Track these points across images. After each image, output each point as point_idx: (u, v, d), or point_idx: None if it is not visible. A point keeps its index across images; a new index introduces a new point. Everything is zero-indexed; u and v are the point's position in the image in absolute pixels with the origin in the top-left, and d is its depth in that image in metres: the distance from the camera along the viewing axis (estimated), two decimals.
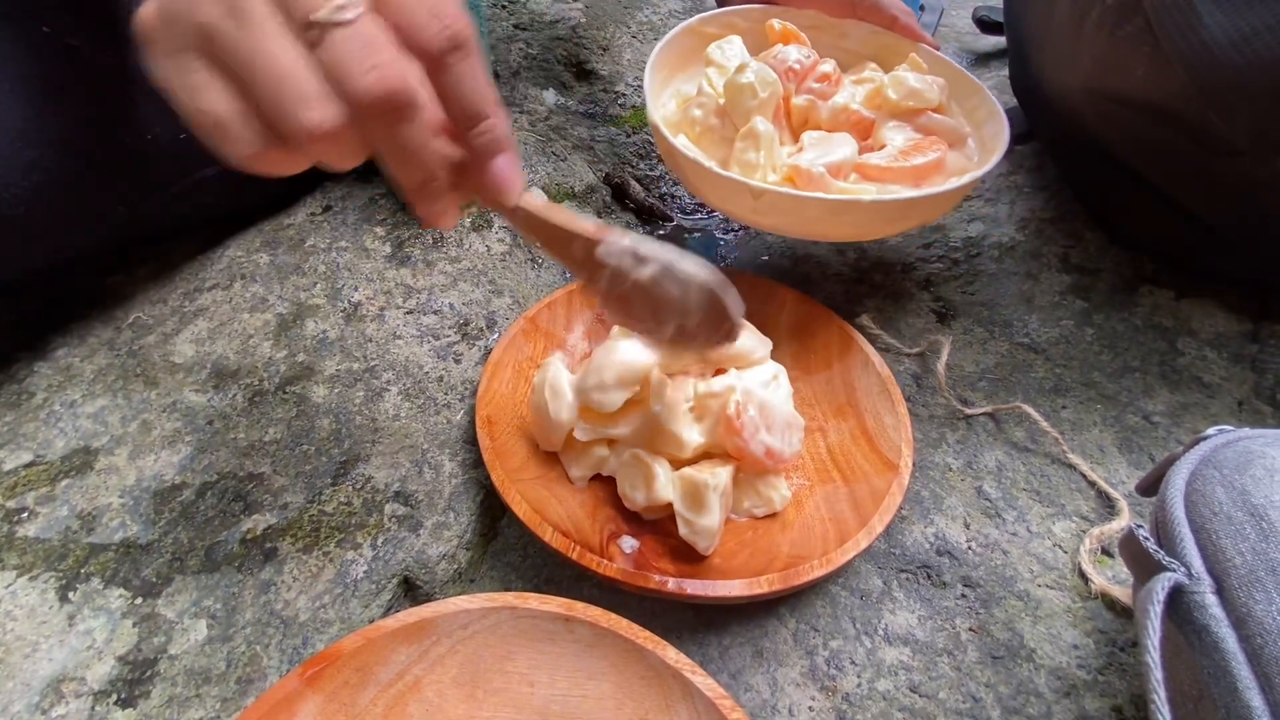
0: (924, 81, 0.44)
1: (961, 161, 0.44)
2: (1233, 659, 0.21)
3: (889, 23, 0.49)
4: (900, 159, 0.42)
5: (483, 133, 0.24)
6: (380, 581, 0.34)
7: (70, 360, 0.41)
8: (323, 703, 0.28)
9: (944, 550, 0.37)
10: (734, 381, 0.36)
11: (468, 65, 0.22)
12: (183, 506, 0.35)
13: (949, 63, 0.48)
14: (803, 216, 0.39)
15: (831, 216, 0.39)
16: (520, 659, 0.30)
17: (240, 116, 0.20)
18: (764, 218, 0.40)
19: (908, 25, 0.49)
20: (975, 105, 0.47)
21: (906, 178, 0.42)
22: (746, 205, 0.39)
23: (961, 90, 0.47)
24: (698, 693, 0.27)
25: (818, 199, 0.37)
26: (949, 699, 0.31)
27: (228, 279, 0.45)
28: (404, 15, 0.21)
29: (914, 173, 0.41)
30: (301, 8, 0.20)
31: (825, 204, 0.37)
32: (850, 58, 0.51)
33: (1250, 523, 0.23)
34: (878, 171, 0.42)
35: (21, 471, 0.36)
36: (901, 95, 0.44)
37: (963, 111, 0.47)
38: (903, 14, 0.49)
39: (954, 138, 0.45)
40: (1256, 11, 0.32)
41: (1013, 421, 0.42)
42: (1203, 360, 0.44)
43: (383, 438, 0.39)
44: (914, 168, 0.41)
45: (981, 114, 0.46)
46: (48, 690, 0.29)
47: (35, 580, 0.32)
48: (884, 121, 0.44)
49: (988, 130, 0.45)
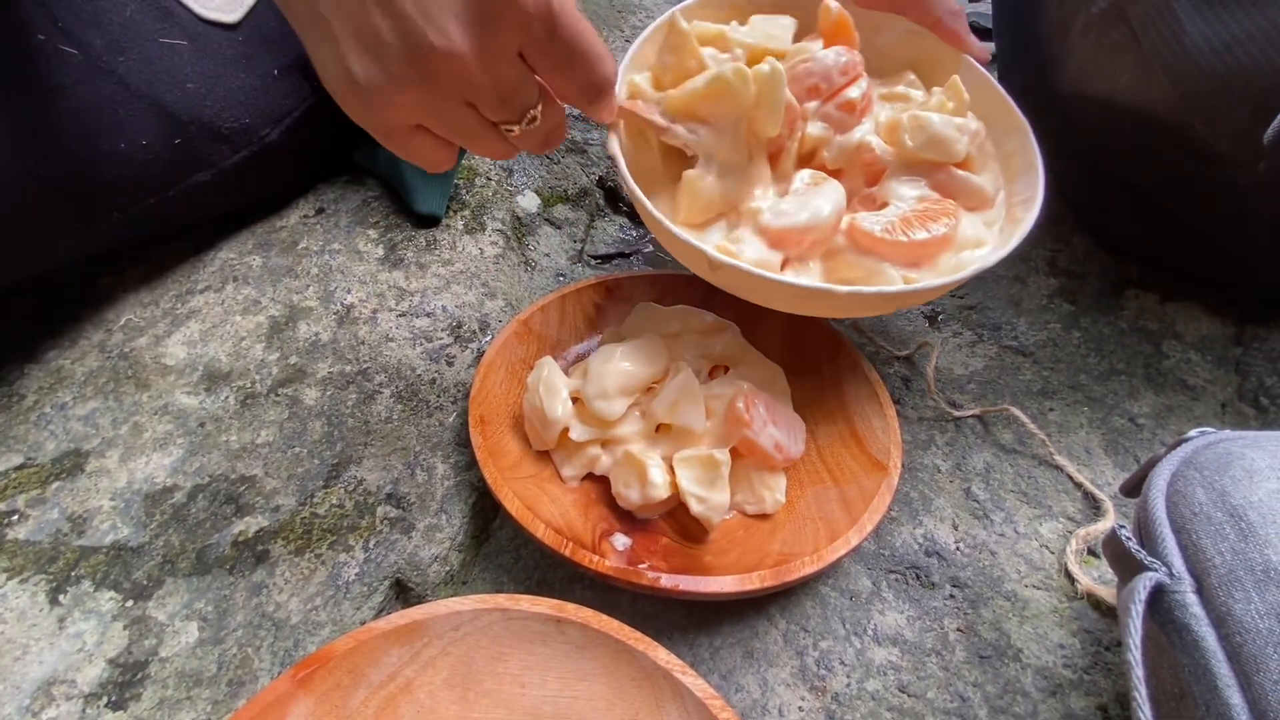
0: (950, 128, 0.36)
1: (976, 231, 0.36)
2: (1213, 657, 0.22)
3: (932, 23, 0.39)
4: (900, 229, 0.34)
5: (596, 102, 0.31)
6: (372, 584, 0.34)
7: (61, 362, 0.41)
8: (314, 705, 0.28)
9: (932, 551, 0.37)
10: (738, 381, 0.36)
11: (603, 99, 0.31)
12: (174, 509, 0.35)
13: (995, 88, 0.39)
14: (766, 294, 0.34)
15: (800, 300, 0.34)
16: (512, 660, 0.30)
17: (443, 151, 0.30)
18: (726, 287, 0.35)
19: (953, 29, 0.39)
20: (1013, 150, 0.38)
21: (900, 255, 0.34)
22: (704, 270, 0.34)
23: (1002, 125, 0.39)
24: (688, 693, 0.28)
25: (786, 283, 0.32)
26: (937, 698, 0.32)
27: (220, 281, 0.45)
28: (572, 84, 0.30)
29: (910, 250, 0.34)
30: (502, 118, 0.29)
31: (793, 289, 0.32)
32: (880, 61, 0.41)
33: (1229, 523, 0.23)
34: (869, 241, 0.34)
35: (12, 474, 0.36)
36: (920, 144, 0.36)
37: (999, 149, 0.39)
38: (949, 15, 0.39)
39: (979, 200, 0.37)
40: (1238, 19, 0.33)
41: (1000, 423, 0.43)
42: (1187, 363, 0.44)
43: (375, 440, 0.39)
44: (912, 244, 0.34)
45: (1018, 162, 0.38)
46: (38, 693, 0.29)
47: (25, 583, 0.32)
48: (897, 171, 0.37)
49: (1021, 184, 0.37)
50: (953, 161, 0.37)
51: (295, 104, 0.46)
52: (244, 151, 0.44)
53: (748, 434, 0.35)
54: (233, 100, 0.42)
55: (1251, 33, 0.33)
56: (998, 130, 0.39)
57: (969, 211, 0.37)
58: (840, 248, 0.35)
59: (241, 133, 0.43)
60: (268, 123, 0.45)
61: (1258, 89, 0.33)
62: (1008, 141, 0.39)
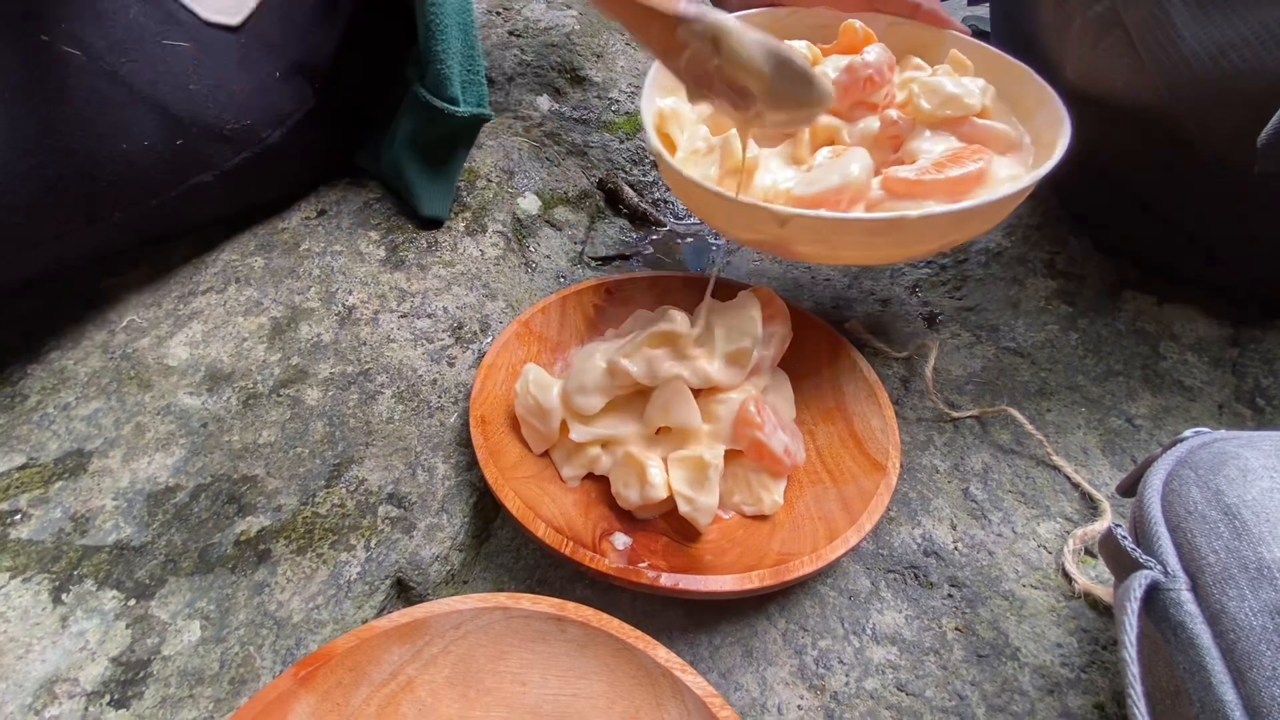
0: (961, 86, 0.38)
1: (1013, 169, 0.38)
2: (1207, 654, 0.22)
3: (910, 11, 0.43)
4: (933, 171, 0.36)
5: None
6: (373, 583, 0.34)
7: (64, 363, 0.41)
8: (316, 703, 0.28)
9: (931, 551, 0.37)
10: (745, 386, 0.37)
11: None
12: (176, 509, 0.35)
13: (987, 48, 0.42)
14: (837, 242, 0.34)
15: (869, 238, 0.34)
16: (512, 659, 0.30)
17: None
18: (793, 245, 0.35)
19: (931, 11, 0.43)
20: (1022, 93, 0.40)
21: (941, 192, 0.35)
22: (770, 232, 0.34)
23: (1005, 77, 0.41)
24: (688, 691, 0.28)
25: (856, 219, 0.33)
26: (935, 697, 0.32)
27: (222, 282, 0.46)
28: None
29: (949, 185, 0.35)
30: None
31: (866, 224, 0.32)
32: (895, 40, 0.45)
33: (1224, 521, 0.23)
34: (906, 186, 0.36)
35: (14, 474, 0.36)
36: (936, 104, 0.38)
37: (1009, 101, 0.41)
38: (925, 1, 0.43)
39: (1005, 144, 0.39)
40: (1233, 24, 0.33)
41: (999, 424, 0.43)
42: (1184, 364, 0.45)
43: (376, 440, 0.39)
44: (949, 180, 0.35)
45: (1030, 101, 0.40)
46: (41, 691, 0.29)
47: (28, 582, 0.32)
48: (919, 132, 0.39)
49: (1040, 119, 0.39)
50: (972, 113, 0.38)
51: (297, 106, 0.46)
52: (245, 153, 0.44)
53: (759, 436, 0.35)
54: (234, 102, 0.43)
55: (1246, 37, 0.33)
56: (1003, 81, 0.41)
57: (1001, 155, 0.38)
58: (879, 199, 0.36)
59: (243, 134, 0.44)
60: (269, 124, 0.45)
61: (1252, 92, 0.33)
62: (1014, 88, 0.41)
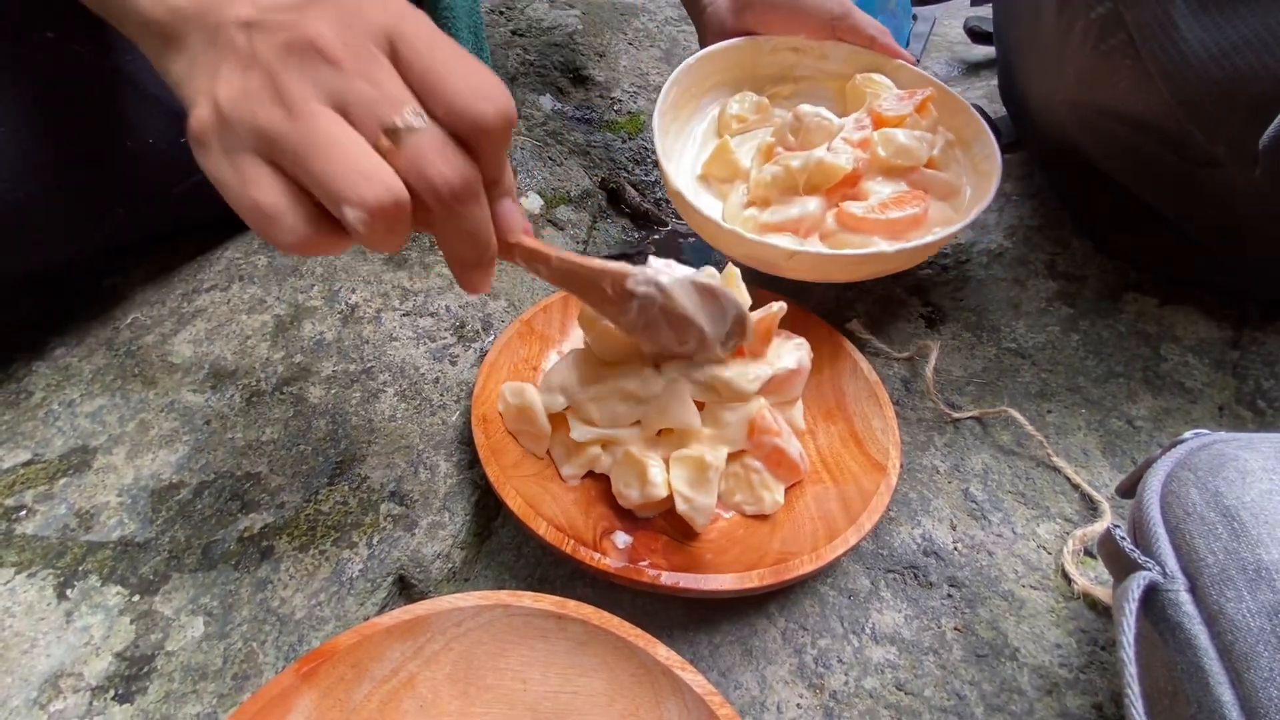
0: (914, 138, 0.45)
1: (947, 213, 0.45)
2: (1204, 655, 0.22)
3: (868, 42, 0.51)
4: (878, 211, 0.43)
5: (506, 193, 0.27)
6: (375, 580, 0.34)
7: (69, 360, 0.41)
8: (318, 699, 0.28)
9: (930, 551, 0.37)
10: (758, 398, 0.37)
11: (507, 136, 0.24)
12: (180, 505, 0.36)
13: (929, 79, 0.50)
14: (829, 270, 0.43)
15: (856, 267, 0.42)
16: (513, 656, 0.30)
17: (290, 204, 0.22)
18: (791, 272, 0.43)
19: (886, 45, 0.51)
20: (963, 123, 0.48)
21: (882, 230, 0.43)
22: (776, 264, 0.42)
23: (947, 108, 0.49)
24: (687, 689, 0.28)
25: (847, 256, 0.41)
26: (934, 696, 0.32)
27: (226, 280, 0.46)
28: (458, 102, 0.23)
29: (889, 225, 0.43)
30: (374, 116, 0.22)
31: (851, 259, 0.41)
32: (832, 80, 0.54)
33: (1222, 523, 0.23)
34: (854, 221, 0.43)
35: (20, 470, 0.36)
36: (890, 153, 0.45)
37: (952, 130, 0.49)
38: (880, 34, 0.51)
39: (946, 190, 0.46)
40: (1235, 26, 0.33)
41: (999, 425, 0.43)
42: (1185, 366, 0.45)
43: (379, 438, 0.39)
44: (889, 220, 0.43)
45: (969, 133, 0.48)
46: (46, 685, 0.30)
47: (33, 577, 0.33)
48: (874, 175, 0.46)
49: (978, 149, 0.47)
50: (920, 164, 0.46)
51: None
52: None
53: (778, 442, 0.36)
54: None
55: (1248, 39, 0.33)
56: (945, 112, 0.49)
57: (940, 200, 0.46)
58: (833, 230, 0.44)
59: None
60: None
61: (1254, 95, 0.33)
62: (956, 119, 0.49)
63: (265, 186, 0.22)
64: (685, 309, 0.32)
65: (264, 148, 0.22)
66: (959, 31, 0.79)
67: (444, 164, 0.22)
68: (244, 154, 0.22)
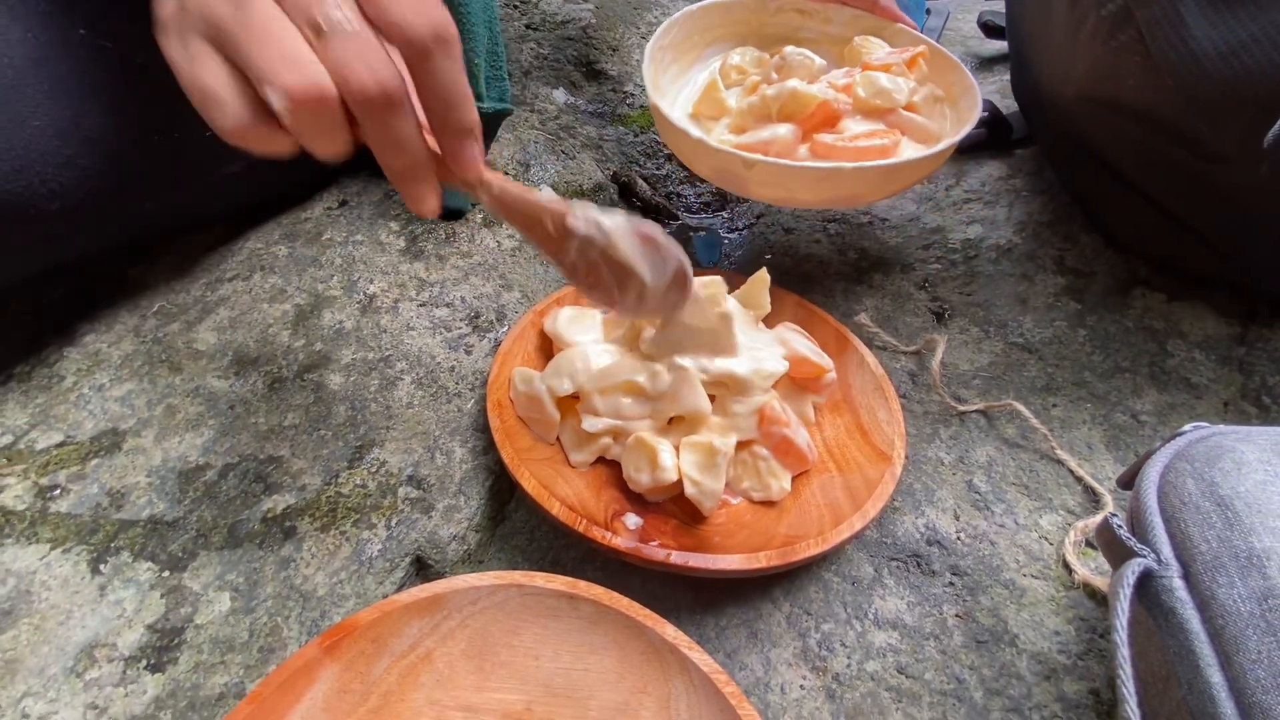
0: (894, 83, 0.46)
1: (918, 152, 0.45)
2: (1196, 639, 0.23)
3: (870, 5, 0.52)
4: (849, 141, 0.45)
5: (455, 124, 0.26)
6: (394, 559, 0.35)
7: (98, 346, 0.43)
8: (340, 671, 0.29)
9: (934, 540, 0.38)
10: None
11: (449, 59, 0.25)
12: (206, 486, 0.37)
13: (923, 39, 0.51)
14: (789, 185, 0.43)
15: (817, 184, 0.43)
16: (526, 634, 0.31)
17: (231, 89, 0.24)
18: (756, 188, 0.44)
19: (887, 7, 0.52)
20: (953, 81, 0.50)
21: (850, 157, 0.44)
22: (740, 176, 0.43)
23: (939, 67, 0.50)
24: (694, 667, 0.29)
25: (806, 169, 0.41)
26: (934, 680, 0.33)
27: (248, 270, 0.47)
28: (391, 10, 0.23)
29: (857, 154, 0.44)
30: (306, 8, 0.23)
31: (812, 173, 0.42)
32: (835, 44, 0.55)
33: (1217, 512, 0.24)
34: (825, 149, 0.45)
35: (53, 451, 0.38)
36: (869, 94, 0.46)
37: (943, 87, 0.50)
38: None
39: (923, 135, 0.47)
40: (1244, 24, 0.34)
41: (1004, 418, 0.43)
42: (1191, 362, 0.45)
43: (397, 424, 0.40)
44: (857, 149, 0.44)
45: (958, 90, 0.49)
46: (81, 655, 0.31)
47: (68, 553, 0.34)
48: (854, 115, 0.47)
49: (964, 104, 0.48)
50: (899, 106, 0.47)
51: None
52: None
53: (786, 433, 0.37)
54: None
55: (1256, 37, 0.33)
56: (937, 71, 0.50)
57: (916, 143, 0.47)
58: (805, 158, 0.45)
59: None
60: None
61: (1261, 92, 0.33)
62: (946, 76, 0.50)
63: (211, 70, 0.24)
64: (626, 254, 0.31)
65: (212, 33, 0.24)
66: (973, 26, 0.79)
67: (362, 67, 0.23)
68: (196, 39, 0.24)
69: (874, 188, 0.44)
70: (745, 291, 0.44)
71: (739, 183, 0.44)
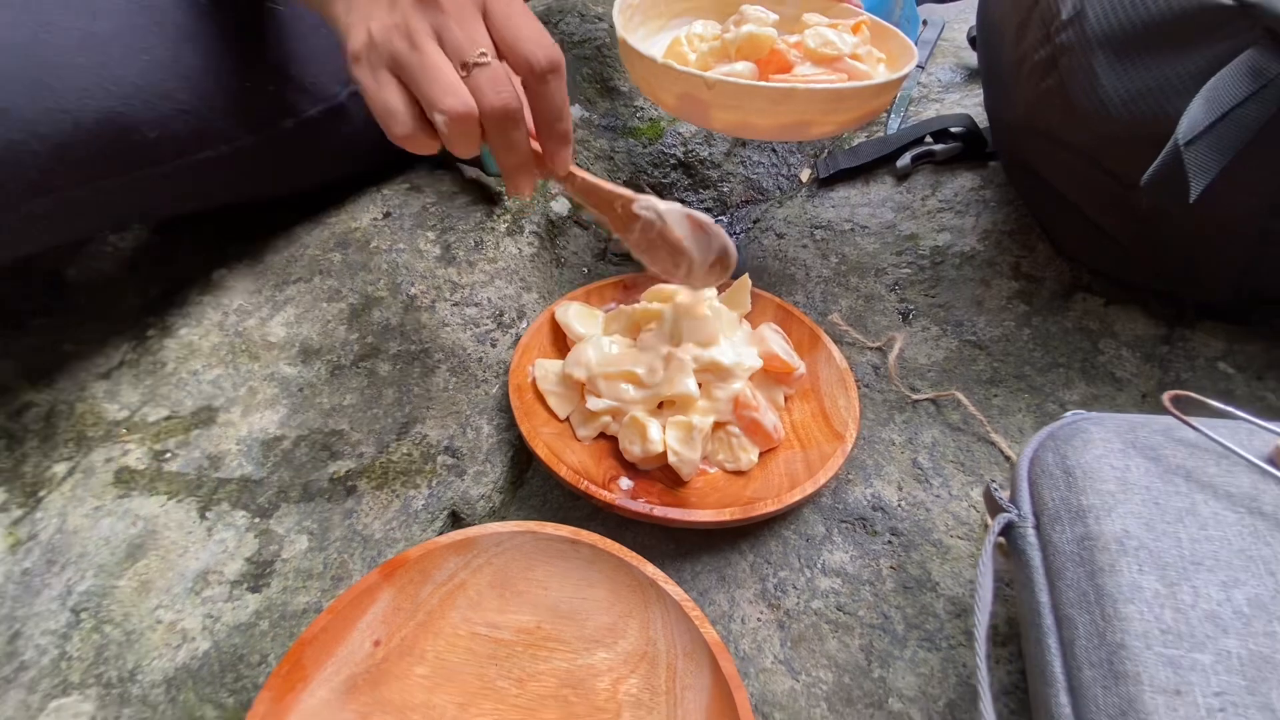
0: (840, 36, 0.52)
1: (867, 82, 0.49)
2: (1036, 571, 0.30)
3: None
4: (799, 81, 0.48)
5: (558, 132, 0.36)
6: (434, 512, 0.44)
7: (191, 338, 0.52)
8: (394, 594, 0.38)
9: (879, 507, 0.45)
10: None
11: (560, 81, 0.34)
12: (284, 453, 0.46)
13: (867, 14, 0.57)
14: (752, 105, 0.46)
15: (772, 106, 0.46)
16: (539, 570, 0.40)
17: (404, 108, 0.33)
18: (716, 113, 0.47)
19: None
20: (893, 47, 0.55)
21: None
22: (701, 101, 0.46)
23: (881, 36, 0.56)
24: (668, 597, 0.37)
25: (763, 87, 0.45)
26: (866, 616, 0.41)
27: (309, 274, 0.56)
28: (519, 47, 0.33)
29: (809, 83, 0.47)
30: (459, 53, 0.33)
31: (768, 92, 0.45)
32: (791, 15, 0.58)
33: (1062, 478, 0.31)
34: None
35: (162, 423, 0.47)
36: (818, 44, 0.51)
37: (884, 51, 0.55)
38: None
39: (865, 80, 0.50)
40: (1141, 76, 0.40)
41: (950, 406, 0.51)
42: (1119, 359, 0.51)
43: (435, 405, 0.49)
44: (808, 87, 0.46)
45: (897, 51, 0.54)
46: (198, 579, 0.40)
47: (181, 503, 0.43)
48: (804, 63, 0.51)
49: (902, 61, 0.53)
50: (844, 54, 0.51)
51: None
52: (321, 105, 0.53)
53: (755, 415, 0.44)
54: (313, 59, 0.52)
55: (1150, 87, 0.39)
56: (880, 38, 0.55)
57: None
58: None
59: (318, 87, 0.52)
60: (336, 82, 0.54)
61: (1153, 135, 0.39)
62: (888, 43, 0.55)
63: (391, 93, 0.33)
64: (678, 235, 0.39)
65: (394, 66, 0.32)
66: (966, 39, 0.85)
67: (493, 92, 0.32)
68: (381, 69, 0.33)
69: (824, 112, 0.47)
70: (729, 294, 0.51)
71: (700, 109, 0.47)
